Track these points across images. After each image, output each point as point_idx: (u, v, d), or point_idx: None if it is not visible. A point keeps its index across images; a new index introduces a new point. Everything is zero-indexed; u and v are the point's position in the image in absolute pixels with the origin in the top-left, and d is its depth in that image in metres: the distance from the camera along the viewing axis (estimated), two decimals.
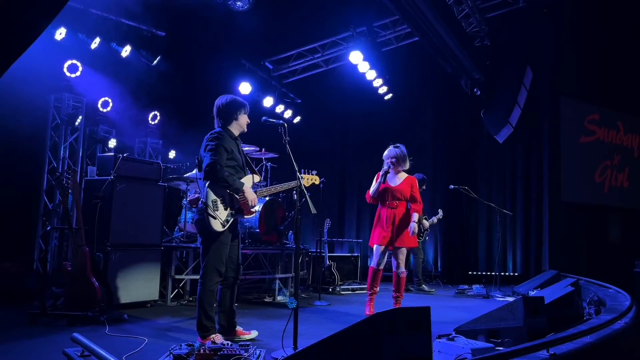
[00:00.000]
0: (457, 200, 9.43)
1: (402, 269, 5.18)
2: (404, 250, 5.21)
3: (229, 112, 4.06)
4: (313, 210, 3.75)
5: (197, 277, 4.19)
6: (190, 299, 5.81)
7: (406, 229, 5.20)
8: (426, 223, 7.39)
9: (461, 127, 10.27)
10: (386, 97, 9.31)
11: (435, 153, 10.39)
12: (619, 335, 3.64)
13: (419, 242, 7.66)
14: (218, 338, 3.79)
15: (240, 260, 4.10)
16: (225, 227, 3.83)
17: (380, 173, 5.22)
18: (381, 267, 5.23)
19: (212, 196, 3.81)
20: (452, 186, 7.87)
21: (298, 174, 3.70)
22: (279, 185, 4.15)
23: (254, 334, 4.13)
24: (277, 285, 6.54)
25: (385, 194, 5.27)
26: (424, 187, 7.74)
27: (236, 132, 4.09)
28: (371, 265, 5.26)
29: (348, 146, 10.74)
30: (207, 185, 3.77)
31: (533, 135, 10.06)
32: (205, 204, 3.77)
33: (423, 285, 7.72)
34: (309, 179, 4.08)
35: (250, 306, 5.90)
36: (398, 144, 5.40)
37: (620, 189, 10.93)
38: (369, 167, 9.98)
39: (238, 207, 3.92)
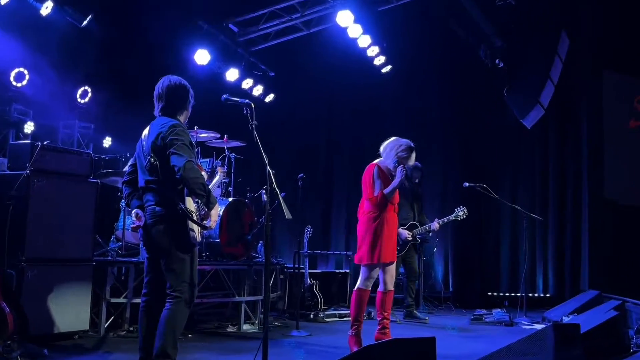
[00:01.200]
0: (473, 201, 9.48)
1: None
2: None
3: (183, 99, 4.10)
4: (288, 215, 3.76)
5: (138, 300, 4.18)
6: (132, 328, 5.78)
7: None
8: (404, 232, 7.34)
9: (478, 108, 10.33)
10: (384, 70, 9.32)
11: (445, 141, 10.45)
12: None
13: (415, 254, 7.77)
14: None
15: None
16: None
17: (399, 169, 5.24)
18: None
19: (191, 203, 3.95)
20: (466, 184, 7.92)
21: (268, 168, 3.70)
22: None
23: None
24: (243, 310, 6.53)
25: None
26: (417, 180, 7.77)
27: None
28: (361, 286, 5.25)
29: (335, 133, 10.76)
30: (183, 190, 3.89)
31: (569, 118, 10.16)
32: (188, 211, 3.87)
33: (415, 312, 7.71)
34: None
35: (208, 338, 5.87)
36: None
37: None
38: (363, 159, 10.01)
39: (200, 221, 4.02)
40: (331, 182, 10.66)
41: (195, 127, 6.79)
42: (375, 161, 5.45)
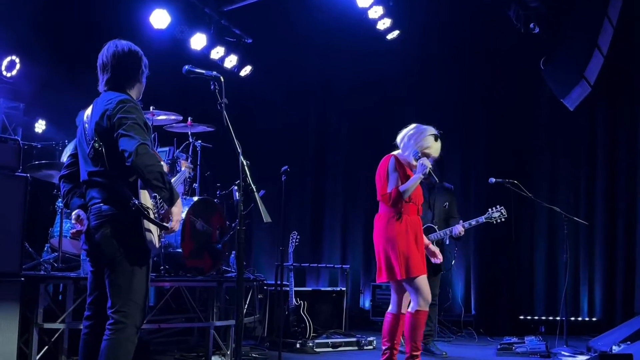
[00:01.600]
0: (502, 201, 9.46)
1: None
2: None
3: (134, 68, 4.09)
4: (266, 219, 3.77)
5: (80, 326, 4.16)
6: None
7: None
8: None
9: (508, 85, 10.36)
10: (390, 36, 9.32)
11: (467, 127, 10.48)
12: None
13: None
14: None
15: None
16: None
17: (421, 162, 5.36)
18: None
19: (148, 198, 3.91)
20: (492, 179, 7.93)
21: (242, 158, 3.70)
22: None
23: None
24: (211, 338, 6.53)
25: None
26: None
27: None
28: (392, 311, 5.51)
29: (329, 116, 10.76)
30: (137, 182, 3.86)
31: (622, 98, 10.19)
32: (143, 208, 3.82)
33: (433, 342, 7.63)
34: None
35: None
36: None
37: None
38: (363, 150, 10.01)
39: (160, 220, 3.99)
40: (323, 177, 10.67)
41: (152, 108, 6.78)
42: (394, 152, 5.58)
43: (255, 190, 3.82)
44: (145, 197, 3.90)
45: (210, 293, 6.74)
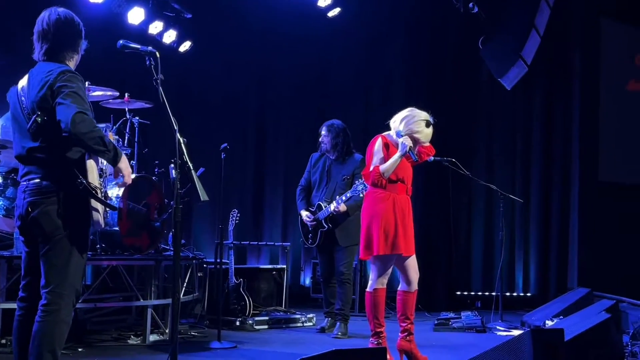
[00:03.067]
0: (440, 179, 9.62)
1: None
2: None
3: (73, 38, 3.98)
4: (203, 197, 3.73)
5: (12, 305, 4.07)
6: (4, 341, 5.67)
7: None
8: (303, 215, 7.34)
9: (447, 64, 10.44)
10: (331, 14, 9.28)
11: (406, 105, 10.49)
12: None
13: None
14: None
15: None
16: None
17: (402, 141, 5.44)
18: None
19: (96, 177, 3.84)
20: (431, 157, 7.95)
21: (178, 135, 3.64)
22: None
23: None
24: (149, 317, 6.47)
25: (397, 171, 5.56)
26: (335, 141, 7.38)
27: None
28: (376, 286, 5.53)
29: (270, 93, 10.68)
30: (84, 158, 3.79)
31: (558, 78, 10.36)
32: (90, 186, 3.76)
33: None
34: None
35: (104, 352, 5.79)
36: None
37: None
38: (305, 127, 9.99)
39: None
40: (264, 155, 10.60)
41: (88, 83, 6.62)
42: (384, 133, 5.66)
43: (192, 168, 3.77)
44: (93, 176, 3.82)
45: (148, 272, 6.68)
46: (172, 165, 3.85)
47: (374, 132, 5.93)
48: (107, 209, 3.93)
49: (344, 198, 6.83)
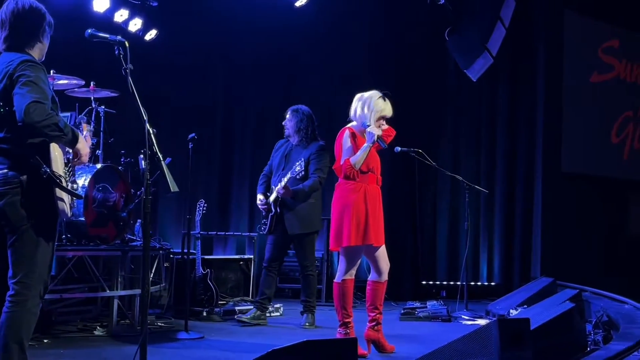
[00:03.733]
0: (406, 170, 9.68)
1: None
2: None
3: (36, 27, 3.92)
4: (173, 188, 3.71)
5: None
6: None
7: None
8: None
9: (414, 55, 10.48)
10: (298, 3, 9.27)
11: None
12: None
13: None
14: None
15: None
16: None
17: (369, 131, 5.47)
18: None
19: (60, 166, 3.80)
20: (398, 148, 8.02)
21: (147, 126, 3.62)
22: None
23: None
24: (115, 307, 6.44)
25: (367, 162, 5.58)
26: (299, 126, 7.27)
27: None
28: (345, 277, 5.56)
29: (237, 83, 10.63)
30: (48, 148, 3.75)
31: (522, 70, 10.46)
32: (54, 175, 3.72)
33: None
34: None
35: (69, 344, 5.75)
36: None
37: None
38: (272, 117, 10.00)
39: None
40: (231, 145, 10.57)
41: (52, 72, 6.56)
42: (349, 125, 5.67)
43: (162, 158, 3.75)
44: (58, 165, 3.79)
45: (115, 262, 6.63)
46: (142, 155, 3.81)
47: (340, 119, 5.94)
48: (74, 198, 3.89)
49: (284, 179, 6.76)
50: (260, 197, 7.20)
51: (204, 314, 7.34)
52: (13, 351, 3.63)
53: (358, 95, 5.71)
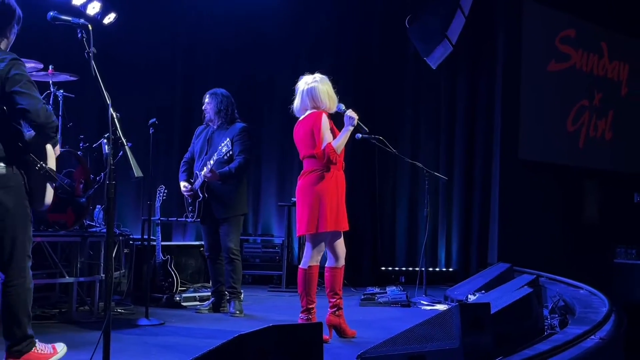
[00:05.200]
0: (366, 156, 9.73)
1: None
2: None
3: (5, 21, 4.17)
4: (137, 173, 3.70)
5: None
6: None
7: None
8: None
9: (375, 43, 10.52)
10: None
11: (336, 83, 10.50)
12: (591, 356, 4.02)
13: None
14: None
15: None
16: None
17: (347, 115, 5.54)
18: None
19: (53, 162, 4.23)
20: (359, 135, 8.05)
21: (111, 110, 3.59)
22: None
23: (61, 350, 4.51)
24: (75, 294, 6.39)
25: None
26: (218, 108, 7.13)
27: None
28: (312, 263, 5.58)
29: (198, 63, 10.53)
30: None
31: (482, 58, 10.57)
32: (51, 172, 4.16)
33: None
34: None
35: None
36: None
37: (601, 143, 11.95)
38: (236, 98, 9.90)
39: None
40: (191, 133, 10.48)
41: None
42: (322, 108, 5.65)
43: (125, 143, 3.73)
44: (52, 161, 4.19)
45: (74, 248, 6.59)
46: (105, 140, 3.83)
47: None
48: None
49: (211, 162, 6.63)
50: (184, 184, 7.04)
51: (165, 300, 7.33)
52: (24, 319, 4.28)
53: (309, 80, 5.73)
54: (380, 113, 10.29)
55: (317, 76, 5.77)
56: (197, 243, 8.69)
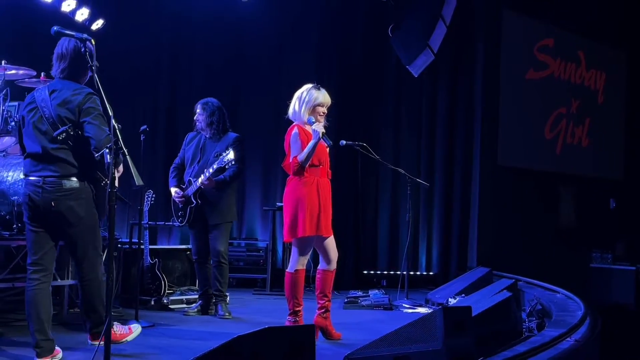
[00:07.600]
0: (349, 162, 9.86)
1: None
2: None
3: (84, 65, 4.68)
4: (138, 182, 3.81)
5: None
6: None
7: None
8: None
9: (359, 51, 10.66)
10: None
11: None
12: (567, 357, 4.19)
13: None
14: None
15: None
16: None
17: (314, 128, 5.66)
18: None
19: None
20: (343, 142, 8.17)
21: (113, 122, 3.72)
22: None
23: (136, 329, 5.22)
24: (66, 296, 6.47)
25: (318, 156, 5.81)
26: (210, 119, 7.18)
27: None
28: (297, 267, 5.77)
29: (184, 72, 10.62)
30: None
31: (462, 66, 10.73)
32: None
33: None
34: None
35: (21, 332, 5.79)
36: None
37: (578, 149, 12.19)
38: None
39: None
40: (176, 137, 10.58)
41: (3, 62, 6.54)
42: (297, 122, 5.85)
43: (126, 153, 3.85)
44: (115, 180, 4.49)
45: (65, 252, 6.63)
46: (107, 150, 3.93)
47: (287, 111, 6.07)
48: None
49: (211, 170, 6.73)
50: (176, 189, 7.17)
51: (153, 303, 7.43)
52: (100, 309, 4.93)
53: (295, 95, 5.94)
54: (362, 120, 10.46)
55: (303, 87, 5.96)
56: (183, 247, 8.79)
